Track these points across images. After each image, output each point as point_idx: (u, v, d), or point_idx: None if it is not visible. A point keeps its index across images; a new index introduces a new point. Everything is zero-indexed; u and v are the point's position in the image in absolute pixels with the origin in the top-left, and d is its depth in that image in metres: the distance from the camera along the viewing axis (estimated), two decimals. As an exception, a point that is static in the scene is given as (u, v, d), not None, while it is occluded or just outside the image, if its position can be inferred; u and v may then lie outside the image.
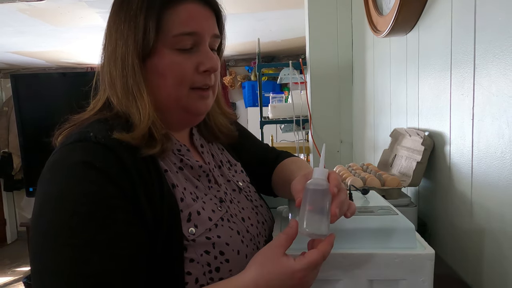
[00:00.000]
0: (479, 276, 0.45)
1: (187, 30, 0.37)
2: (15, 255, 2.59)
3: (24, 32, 1.83)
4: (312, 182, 0.33)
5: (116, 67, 0.37)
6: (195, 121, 0.43)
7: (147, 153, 0.34)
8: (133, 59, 0.36)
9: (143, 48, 0.36)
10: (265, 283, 0.31)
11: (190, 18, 0.37)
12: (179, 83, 0.37)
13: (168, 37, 0.36)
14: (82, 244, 0.29)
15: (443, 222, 0.55)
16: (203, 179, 0.41)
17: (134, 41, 0.36)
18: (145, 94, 0.36)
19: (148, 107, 0.36)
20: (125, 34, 0.36)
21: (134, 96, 0.36)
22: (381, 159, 0.72)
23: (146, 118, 0.36)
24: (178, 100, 0.38)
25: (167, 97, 0.38)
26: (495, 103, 0.40)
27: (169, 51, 0.37)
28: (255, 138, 0.57)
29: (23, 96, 1.46)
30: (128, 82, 0.36)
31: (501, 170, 0.40)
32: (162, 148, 0.36)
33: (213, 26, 0.40)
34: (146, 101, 0.36)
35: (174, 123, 0.41)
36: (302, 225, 0.32)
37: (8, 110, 2.76)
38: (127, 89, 0.36)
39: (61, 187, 0.31)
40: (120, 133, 0.34)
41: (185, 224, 0.35)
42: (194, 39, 0.37)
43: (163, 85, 0.37)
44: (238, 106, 3.00)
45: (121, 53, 0.36)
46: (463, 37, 0.47)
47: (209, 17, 0.39)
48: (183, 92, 0.38)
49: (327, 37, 1.13)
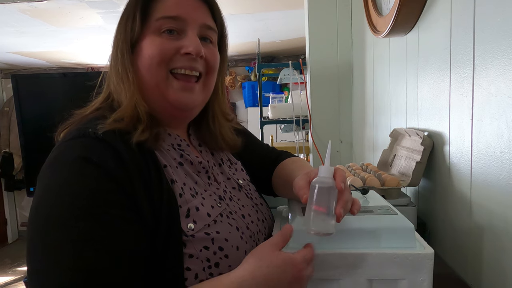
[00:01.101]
0: (478, 275, 0.45)
1: (169, 14, 0.38)
2: (16, 255, 2.60)
3: (25, 32, 1.83)
4: (318, 180, 0.33)
5: (112, 58, 0.40)
6: (183, 116, 0.42)
7: (138, 139, 0.35)
8: (122, 45, 0.39)
9: (131, 35, 0.38)
10: (262, 276, 0.31)
11: (175, 4, 0.39)
12: (158, 63, 0.38)
13: (152, 22, 0.38)
14: (78, 239, 0.29)
15: (443, 221, 0.55)
16: (203, 175, 0.41)
17: (125, 30, 0.39)
18: (131, 75, 0.38)
19: (133, 88, 0.38)
20: (122, 26, 0.40)
21: (122, 79, 0.38)
22: (381, 159, 0.72)
23: (130, 95, 0.37)
24: (157, 85, 0.38)
25: (149, 81, 0.39)
26: (494, 103, 0.41)
27: (155, 36, 0.38)
28: (255, 138, 0.57)
29: (24, 96, 1.46)
30: (119, 68, 0.39)
31: (500, 170, 0.40)
32: (153, 134, 0.36)
33: (204, 15, 0.40)
34: (131, 81, 0.38)
35: (164, 116, 0.40)
36: (309, 225, 0.32)
37: (9, 110, 2.77)
38: (118, 75, 0.39)
39: (59, 183, 0.31)
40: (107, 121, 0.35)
41: (184, 220, 0.35)
42: (179, 24, 0.38)
43: (146, 68, 0.38)
44: (238, 106, 3.00)
45: (117, 43, 0.39)
46: (462, 37, 0.47)
47: (198, 6, 0.40)
48: (162, 74, 0.38)
49: (327, 37, 1.13)
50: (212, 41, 0.41)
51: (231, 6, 1.55)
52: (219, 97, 0.46)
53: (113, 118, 0.35)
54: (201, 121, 0.46)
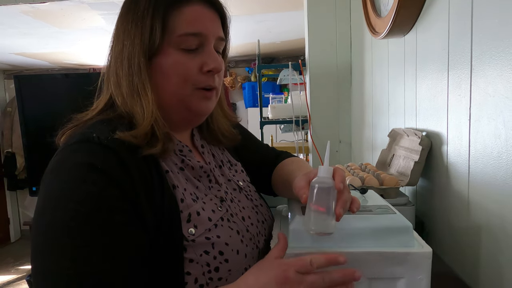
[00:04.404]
0: (476, 273, 0.45)
1: (192, 30, 0.37)
2: (19, 254, 2.60)
3: (27, 33, 1.84)
4: (318, 181, 0.33)
5: (122, 67, 0.38)
6: (197, 122, 0.44)
7: (147, 152, 0.35)
8: (139, 58, 0.37)
9: (149, 48, 0.37)
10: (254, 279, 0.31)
11: (195, 19, 0.38)
12: (182, 82, 0.38)
13: (173, 37, 0.37)
14: (82, 245, 0.29)
15: (441, 220, 0.55)
16: (204, 180, 0.41)
17: (140, 41, 0.37)
18: (149, 92, 0.37)
19: (152, 105, 0.37)
20: (132, 35, 0.37)
21: (139, 94, 0.37)
22: (379, 159, 0.72)
23: (149, 115, 0.36)
24: (181, 99, 0.39)
25: (171, 96, 0.38)
26: (491, 103, 0.41)
27: (174, 50, 0.37)
28: (255, 138, 0.58)
29: (27, 96, 1.47)
30: (134, 81, 0.37)
31: (498, 170, 0.40)
32: (163, 148, 0.36)
33: (218, 28, 0.40)
34: (150, 99, 0.37)
35: (176, 123, 0.41)
36: (309, 224, 0.32)
37: (12, 110, 2.78)
38: (132, 88, 0.37)
39: (62, 188, 0.31)
40: (122, 132, 0.34)
41: (185, 225, 0.35)
42: (199, 39, 0.38)
43: (167, 84, 0.38)
44: (239, 107, 3.00)
45: (128, 53, 0.37)
46: (460, 38, 0.47)
47: (214, 19, 0.40)
48: (187, 92, 0.38)
49: (326, 38, 1.13)
50: (221, 50, 0.42)
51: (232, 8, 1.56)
52: (219, 97, 0.46)
53: (130, 133, 0.35)
54: None
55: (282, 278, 0.30)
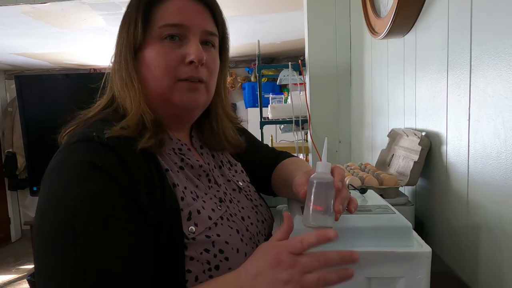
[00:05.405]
0: (475, 273, 0.45)
1: (172, 21, 0.38)
2: (19, 253, 2.60)
3: (28, 34, 1.85)
4: (316, 176, 0.33)
5: (116, 62, 0.40)
6: (188, 117, 0.43)
7: (143, 145, 0.35)
8: (125, 52, 0.39)
9: (134, 42, 0.38)
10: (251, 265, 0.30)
11: (177, 10, 0.38)
12: (164, 74, 0.38)
13: (155, 29, 0.38)
14: (85, 243, 0.29)
15: (440, 220, 0.55)
16: (203, 179, 0.41)
17: (127, 36, 0.39)
18: (136, 83, 0.38)
19: (140, 96, 0.38)
20: (123, 32, 0.39)
21: (127, 86, 0.38)
22: (379, 159, 0.73)
23: (137, 105, 0.37)
24: (164, 91, 0.39)
25: (155, 88, 0.39)
26: (491, 104, 0.41)
27: (157, 42, 0.38)
28: (255, 138, 0.58)
29: (27, 97, 1.47)
30: (123, 74, 0.39)
31: (497, 170, 0.40)
32: (158, 140, 0.36)
33: (205, 21, 0.40)
34: (137, 90, 0.38)
35: (167, 119, 0.41)
36: (308, 219, 0.32)
37: (13, 110, 2.79)
38: (122, 81, 0.39)
39: (64, 187, 0.31)
40: (114, 127, 0.35)
41: (186, 223, 0.35)
42: (181, 31, 0.38)
43: (151, 75, 0.39)
44: (238, 107, 3.01)
45: (119, 48, 0.39)
46: (460, 39, 0.47)
47: (200, 11, 0.40)
48: (169, 83, 0.38)
49: (326, 39, 1.14)
50: (213, 45, 0.42)
51: (232, 8, 1.56)
52: (221, 98, 0.46)
53: (120, 126, 0.35)
54: (203, 123, 0.46)
55: (275, 261, 0.29)
